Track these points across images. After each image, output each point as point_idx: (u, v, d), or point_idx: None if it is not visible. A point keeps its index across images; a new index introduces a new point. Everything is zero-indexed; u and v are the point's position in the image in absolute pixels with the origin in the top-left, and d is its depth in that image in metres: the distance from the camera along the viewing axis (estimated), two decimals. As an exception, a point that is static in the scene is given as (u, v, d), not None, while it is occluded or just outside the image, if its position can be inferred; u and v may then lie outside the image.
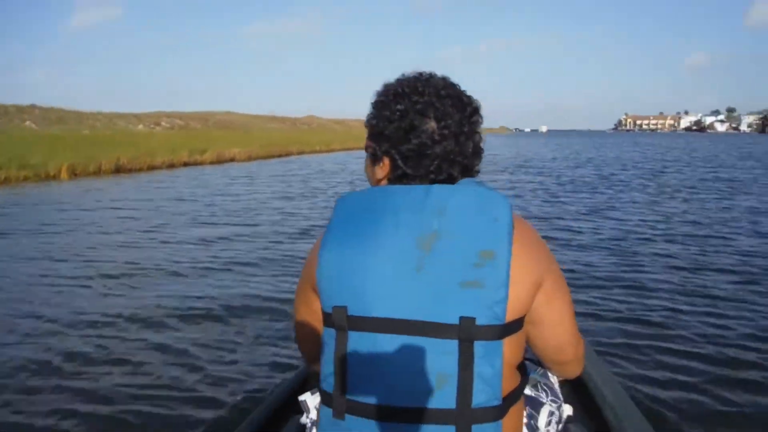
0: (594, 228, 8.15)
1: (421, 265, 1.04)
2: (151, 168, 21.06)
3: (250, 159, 27.16)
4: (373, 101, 1.22)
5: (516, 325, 1.08)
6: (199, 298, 4.86)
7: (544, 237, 1.19)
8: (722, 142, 61.38)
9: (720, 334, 3.89)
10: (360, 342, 1.06)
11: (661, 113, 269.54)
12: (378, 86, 1.23)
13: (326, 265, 1.10)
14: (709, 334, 3.88)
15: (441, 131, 1.14)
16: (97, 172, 18.72)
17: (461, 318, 1.01)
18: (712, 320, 4.15)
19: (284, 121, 76.89)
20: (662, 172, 19.41)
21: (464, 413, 1.02)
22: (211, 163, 24.48)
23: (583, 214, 9.56)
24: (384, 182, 1.20)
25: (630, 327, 4.04)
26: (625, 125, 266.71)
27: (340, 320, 1.07)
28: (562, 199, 11.68)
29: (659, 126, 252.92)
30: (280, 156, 30.06)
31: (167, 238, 7.73)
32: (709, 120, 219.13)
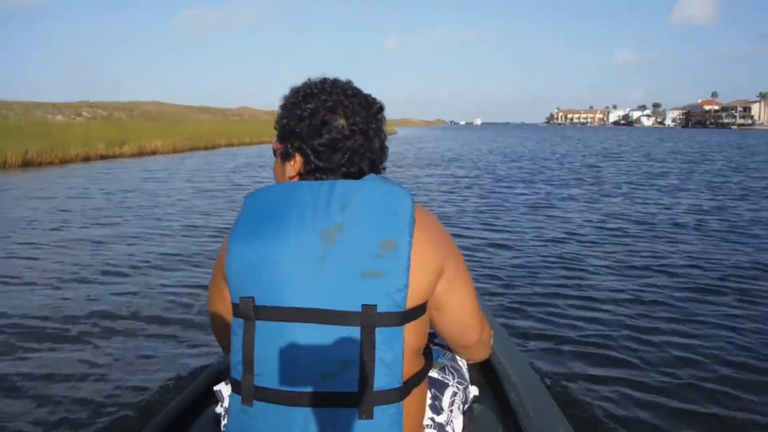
0: (532, 227, 7.77)
1: (324, 257, 1.07)
2: (64, 161, 19.50)
3: (174, 151, 25.73)
4: (281, 104, 1.26)
5: (416, 312, 1.12)
6: (92, 300, 4.53)
7: (479, 237, 2.74)
8: (648, 135, 63.46)
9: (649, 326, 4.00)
10: (267, 331, 1.09)
11: (591, 107, 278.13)
12: (301, 81, 1.27)
13: (234, 257, 1.12)
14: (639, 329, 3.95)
15: (350, 127, 1.19)
16: (2, 166, 17.19)
17: (363, 306, 1.06)
18: (641, 321, 4.14)
19: (215, 113, 74.54)
20: (596, 165, 19.44)
21: (366, 396, 1.06)
22: (132, 156, 23.03)
23: (521, 213, 9.17)
24: (296, 179, 1.22)
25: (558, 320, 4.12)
26: (557, 119, 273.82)
27: (247, 310, 1.10)
28: (497, 195, 11.32)
29: (589, 120, 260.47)
30: (206, 148, 28.73)
31: (62, 238, 7.02)
32: (636, 114, 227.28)
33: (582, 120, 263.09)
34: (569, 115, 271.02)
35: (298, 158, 1.21)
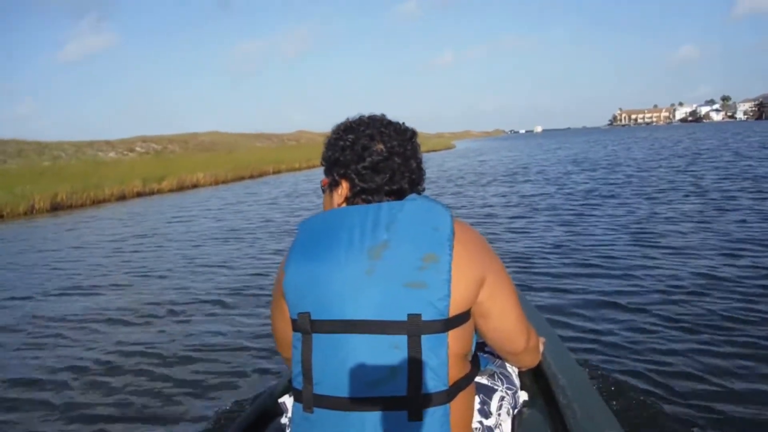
0: (645, 268, 5.47)
1: (371, 271, 1.17)
2: (97, 202, 18.31)
3: (216, 183, 24.36)
4: (327, 141, 1.40)
5: (460, 319, 1.20)
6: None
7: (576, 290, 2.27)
8: (723, 131, 58.67)
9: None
10: (322, 343, 1.19)
11: (655, 106, 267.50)
12: (353, 103, 1.46)
13: (291, 277, 1.23)
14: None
15: (388, 150, 1.32)
16: (29, 212, 16.03)
17: (409, 315, 1.15)
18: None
19: (271, 138, 74.41)
20: (686, 171, 16.69)
21: (415, 399, 1.15)
22: (171, 190, 21.76)
23: (625, 245, 6.85)
24: (343, 205, 1.33)
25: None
26: (620, 120, 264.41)
27: (304, 324, 1.21)
28: (583, 219, 8.97)
29: (654, 119, 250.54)
30: (252, 177, 27.19)
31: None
32: (704, 110, 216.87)
33: (647, 120, 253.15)
34: (633, 116, 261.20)
35: (344, 184, 1.33)
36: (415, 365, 1.14)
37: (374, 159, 1.30)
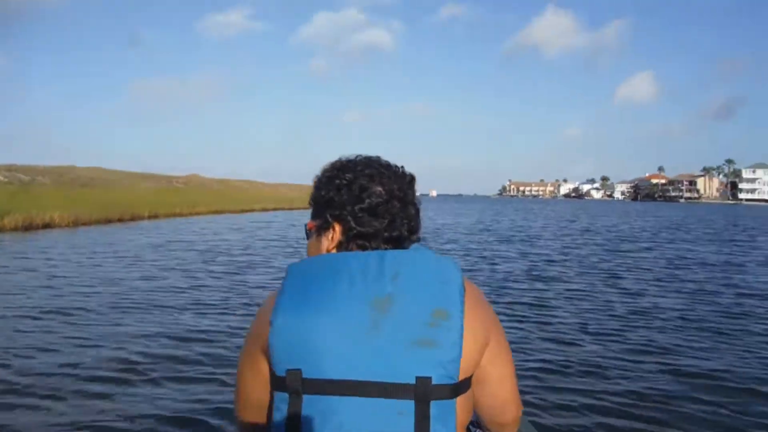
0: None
1: (375, 326, 1.03)
2: None
3: (76, 224, 20.87)
4: (317, 180, 1.26)
5: (466, 384, 1.09)
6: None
7: None
8: (614, 210, 61.60)
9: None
10: (315, 405, 1.04)
11: (542, 180, 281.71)
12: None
13: (280, 328, 1.06)
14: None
15: (388, 193, 1.18)
16: None
17: (417, 378, 1.02)
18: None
19: (159, 180, 70.19)
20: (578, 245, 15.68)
21: None
22: (14, 229, 18.23)
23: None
24: (333, 251, 1.19)
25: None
26: (509, 191, 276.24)
27: (295, 383, 1.04)
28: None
29: (541, 192, 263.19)
30: (122, 220, 23.81)
31: None
32: (586, 188, 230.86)
33: (534, 192, 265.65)
34: (521, 188, 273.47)
35: (337, 227, 1.19)
36: None
37: (373, 201, 1.17)
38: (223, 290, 8.43)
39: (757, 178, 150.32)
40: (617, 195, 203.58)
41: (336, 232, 1.19)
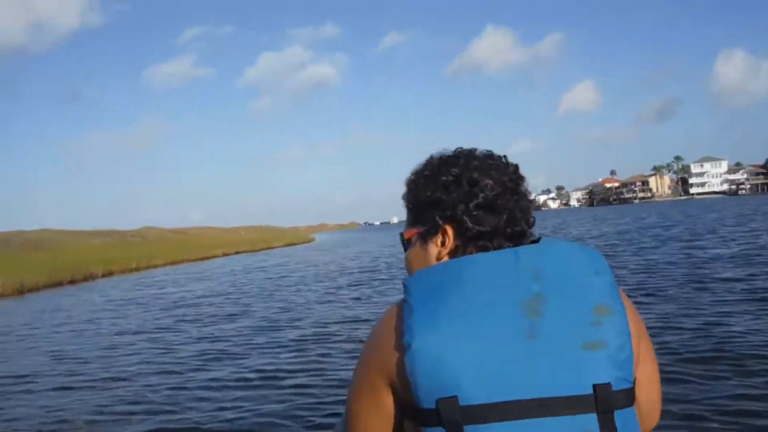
0: None
1: (533, 333, 0.89)
2: None
3: (21, 292, 19.18)
4: (412, 182, 1.14)
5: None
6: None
7: None
8: (570, 216, 62.33)
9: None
10: None
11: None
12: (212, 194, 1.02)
13: (419, 350, 0.89)
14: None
15: (500, 186, 1.06)
16: None
17: (595, 386, 0.88)
18: None
19: (111, 235, 67.92)
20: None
21: None
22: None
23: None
24: (446, 258, 1.06)
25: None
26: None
27: (451, 413, 0.87)
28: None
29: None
30: (73, 282, 22.16)
31: None
32: (542, 198, 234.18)
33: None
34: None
35: (450, 231, 1.06)
36: None
37: (488, 195, 1.04)
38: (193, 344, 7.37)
39: (705, 172, 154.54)
40: (573, 203, 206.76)
41: (449, 236, 1.06)
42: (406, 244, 1.13)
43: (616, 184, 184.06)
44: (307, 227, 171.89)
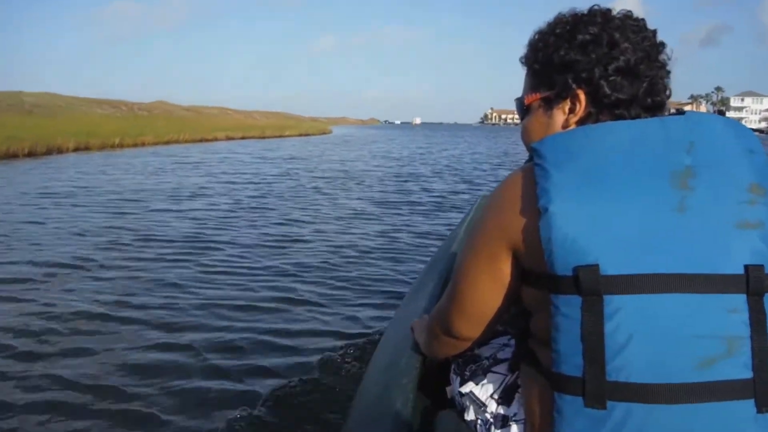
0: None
1: (683, 206, 0.85)
2: None
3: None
4: (539, 40, 1.03)
5: None
6: None
7: None
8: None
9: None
10: (619, 307, 0.83)
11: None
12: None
13: (557, 215, 0.85)
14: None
15: (642, 50, 0.96)
16: None
17: (747, 267, 0.83)
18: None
19: (118, 106, 64.53)
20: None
21: (765, 383, 0.83)
22: None
23: None
24: (573, 126, 0.99)
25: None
26: (491, 119, 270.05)
27: (592, 282, 0.83)
28: None
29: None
30: (33, 154, 18.42)
31: None
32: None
33: (516, 121, 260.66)
34: (503, 115, 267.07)
35: (582, 96, 0.98)
36: (762, 336, 0.82)
37: (629, 59, 0.95)
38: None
39: (744, 107, 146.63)
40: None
41: (580, 102, 0.98)
42: (525, 111, 1.07)
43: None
44: (327, 119, 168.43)
